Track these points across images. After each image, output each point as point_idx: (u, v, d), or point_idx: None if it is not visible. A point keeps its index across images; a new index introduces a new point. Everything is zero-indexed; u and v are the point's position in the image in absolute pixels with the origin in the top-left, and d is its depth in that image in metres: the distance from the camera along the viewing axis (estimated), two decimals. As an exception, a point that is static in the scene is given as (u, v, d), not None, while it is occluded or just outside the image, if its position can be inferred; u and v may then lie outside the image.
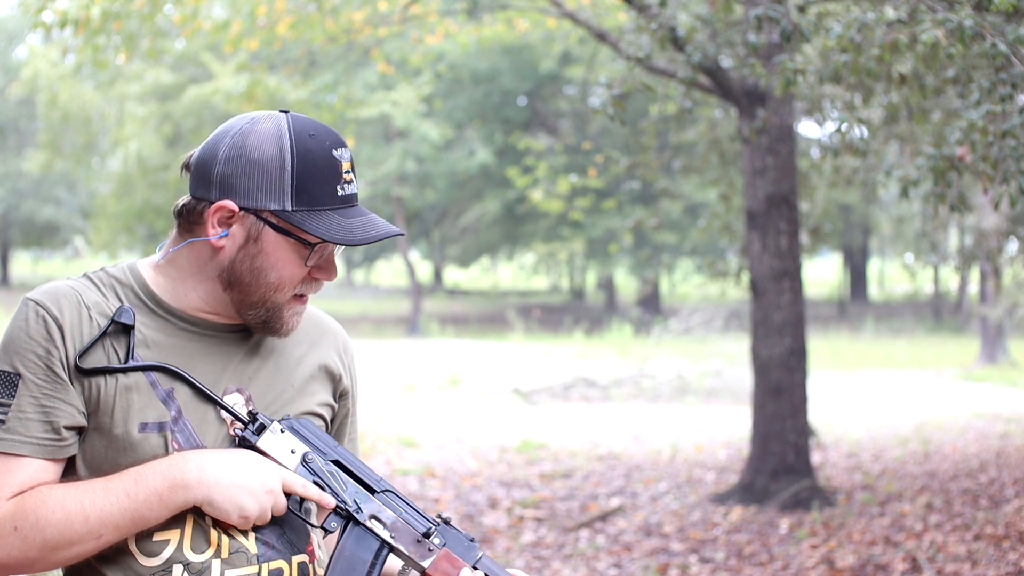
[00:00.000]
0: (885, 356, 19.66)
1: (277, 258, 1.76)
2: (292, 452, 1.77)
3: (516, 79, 25.07)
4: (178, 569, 1.72)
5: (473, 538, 1.83)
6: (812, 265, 29.91)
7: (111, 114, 22.69)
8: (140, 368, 1.73)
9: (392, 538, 1.78)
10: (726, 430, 11.06)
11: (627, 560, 6.43)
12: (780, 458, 7.58)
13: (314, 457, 1.78)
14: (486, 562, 1.82)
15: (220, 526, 1.74)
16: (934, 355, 19.84)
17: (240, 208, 1.74)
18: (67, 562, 1.71)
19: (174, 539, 1.73)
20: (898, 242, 23.86)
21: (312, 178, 1.74)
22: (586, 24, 8.28)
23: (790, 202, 7.58)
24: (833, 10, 6.20)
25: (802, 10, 6.08)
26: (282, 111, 1.80)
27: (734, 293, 11.31)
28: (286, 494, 1.75)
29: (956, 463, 9.08)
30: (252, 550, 1.76)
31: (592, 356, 19.20)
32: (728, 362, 16.55)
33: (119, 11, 9.05)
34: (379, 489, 1.80)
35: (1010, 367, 17.38)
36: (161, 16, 10.13)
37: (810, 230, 10.33)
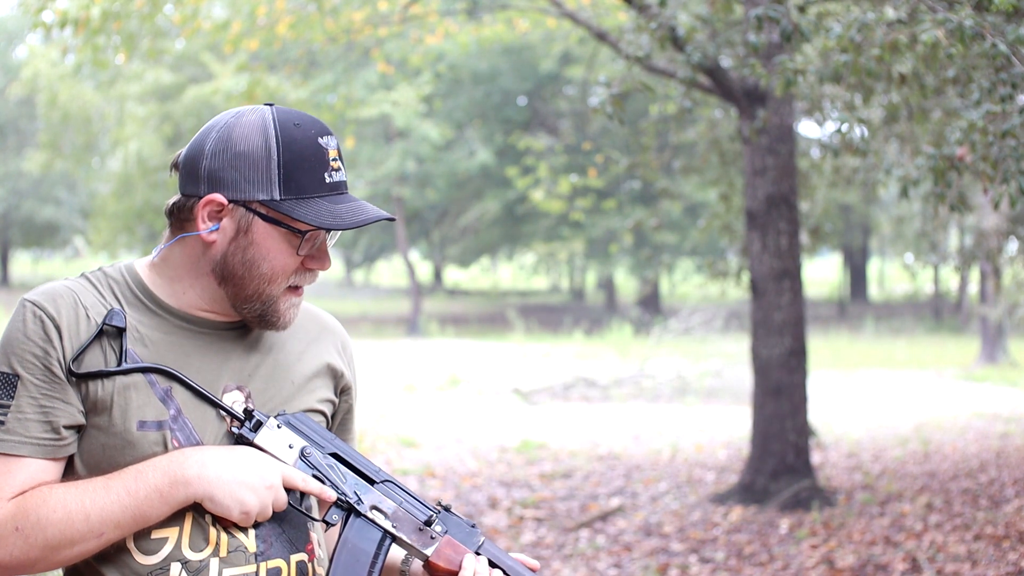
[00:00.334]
0: (885, 356, 19.66)
1: (268, 248, 1.76)
2: (290, 447, 1.77)
3: (516, 79, 25.08)
4: (176, 567, 1.72)
5: (474, 524, 1.84)
6: (812, 265, 29.91)
7: (111, 114, 22.69)
8: (135, 370, 1.73)
9: (394, 528, 1.78)
10: (726, 430, 11.06)
11: (627, 560, 6.43)
12: (780, 458, 7.58)
13: (312, 451, 1.78)
14: (488, 547, 1.82)
15: (219, 524, 1.74)
16: (934, 355, 19.84)
17: (229, 201, 1.75)
18: (69, 561, 1.71)
19: (172, 537, 1.73)
20: (898, 242, 23.86)
21: (299, 167, 1.74)
22: (586, 24, 8.28)
23: (790, 202, 7.58)
24: (833, 10, 6.20)
25: (802, 10, 6.07)
26: (267, 104, 1.80)
27: (734, 293, 11.31)
28: (287, 489, 1.75)
29: (956, 463, 9.08)
30: (251, 548, 1.76)
31: (592, 356, 19.20)
32: (728, 362, 16.56)
33: (119, 11, 9.06)
34: (378, 480, 1.80)
35: (1010, 367, 17.37)
36: (161, 16, 10.14)
37: (810, 230, 10.33)
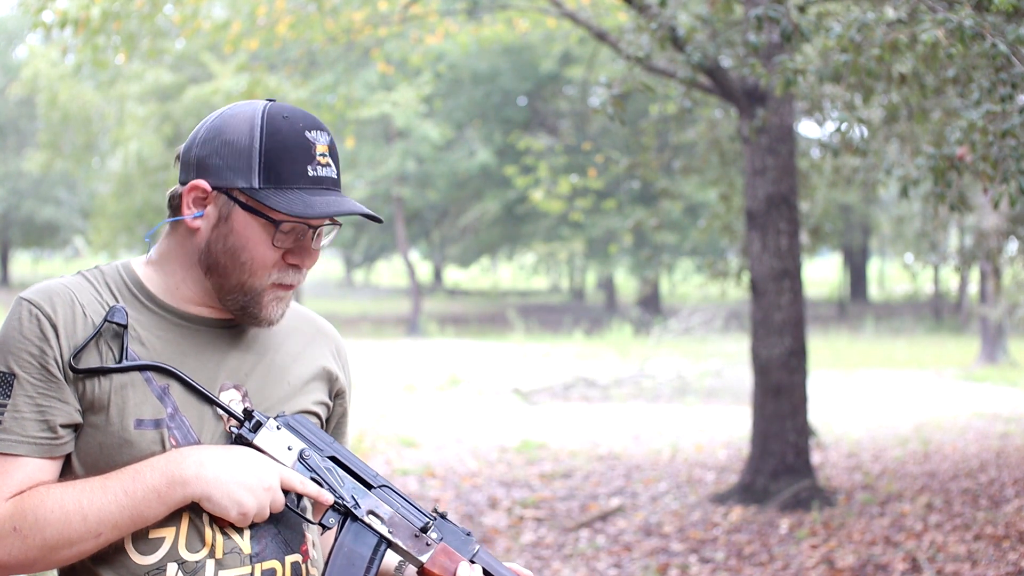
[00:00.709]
0: (885, 356, 19.66)
1: (247, 238, 1.75)
2: (289, 449, 1.77)
3: (516, 79, 25.07)
4: (172, 568, 1.71)
5: (470, 532, 1.84)
6: (812, 265, 29.91)
7: (111, 114, 22.67)
8: (134, 368, 1.73)
9: (390, 533, 1.78)
10: (726, 430, 11.06)
11: (627, 560, 6.43)
12: (780, 458, 7.58)
13: (311, 453, 1.78)
14: (483, 556, 1.82)
15: (216, 524, 1.74)
16: (934, 355, 19.84)
17: (212, 187, 1.75)
18: (67, 561, 1.71)
19: (169, 537, 1.72)
20: (898, 242, 23.85)
21: (280, 156, 1.73)
22: (586, 24, 8.28)
23: (790, 202, 7.58)
24: (833, 10, 6.20)
25: (802, 10, 6.07)
26: (269, 100, 1.81)
27: (734, 293, 11.31)
28: (284, 491, 1.75)
29: (956, 463, 9.08)
30: (246, 550, 1.75)
31: (592, 356, 19.20)
32: (728, 362, 16.56)
33: (119, 11, 9.05)
34: (376, 484, 1.80)
35: (1010, 367, 17.37)
36: (161, 16, 10.13)
37: (810, 230, 10.33)
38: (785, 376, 7.58)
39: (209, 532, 1.74)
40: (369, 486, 1.80)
